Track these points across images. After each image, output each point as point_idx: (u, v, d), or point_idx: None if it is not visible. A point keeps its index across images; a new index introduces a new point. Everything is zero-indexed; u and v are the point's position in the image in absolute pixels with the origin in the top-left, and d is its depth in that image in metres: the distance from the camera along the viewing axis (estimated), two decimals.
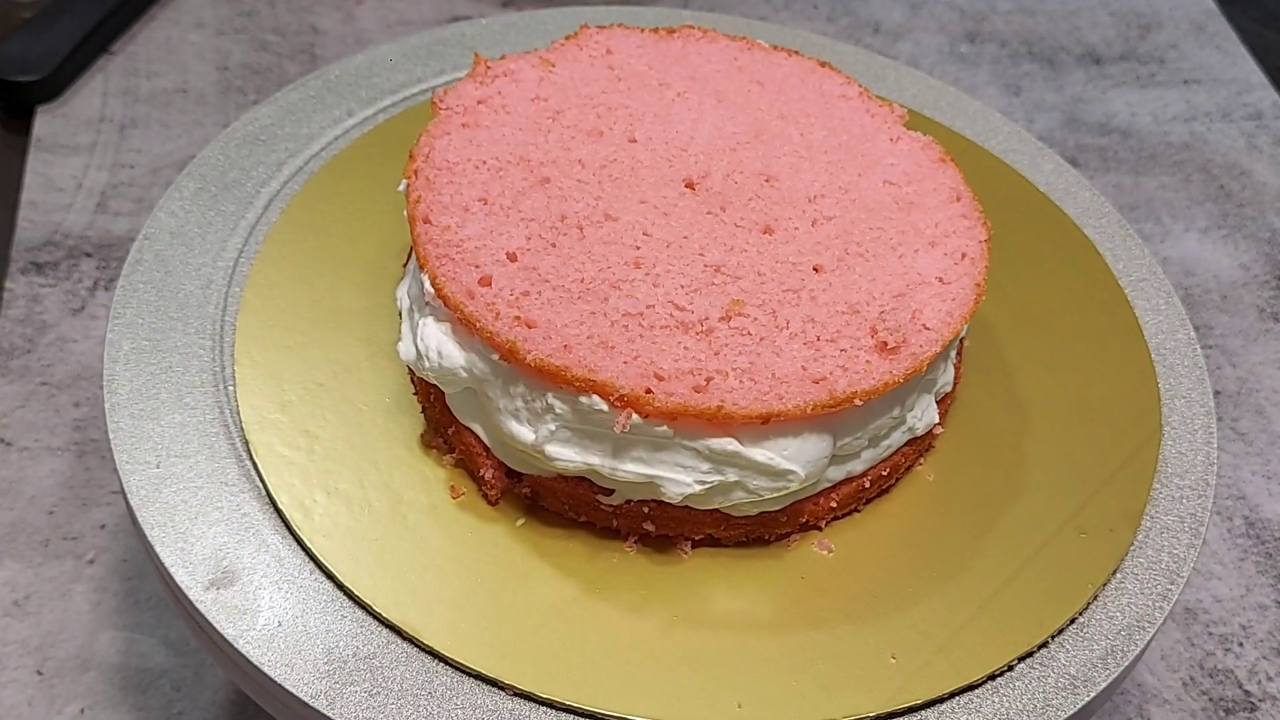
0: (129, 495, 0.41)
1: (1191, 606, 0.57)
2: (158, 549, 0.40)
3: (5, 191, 0.69)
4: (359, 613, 0.39)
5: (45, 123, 0.73)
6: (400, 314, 0.45)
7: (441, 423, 0.43)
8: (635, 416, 0.38)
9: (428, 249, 0.41)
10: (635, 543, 0.42)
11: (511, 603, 0.40)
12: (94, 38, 0.76)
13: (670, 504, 0.40)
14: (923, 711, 0.39)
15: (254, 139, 0.52)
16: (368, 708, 0.37)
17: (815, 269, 0.43)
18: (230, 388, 0.44)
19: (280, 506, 0.41)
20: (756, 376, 0.39)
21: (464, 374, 0.40)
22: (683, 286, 0.41)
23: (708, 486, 0.39)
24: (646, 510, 0.41)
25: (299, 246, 0.48)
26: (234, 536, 0.40)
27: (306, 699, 0.37)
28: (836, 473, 0.42)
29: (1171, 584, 0.43)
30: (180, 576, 0.39)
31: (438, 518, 0.41)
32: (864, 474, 0.43)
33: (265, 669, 0.38)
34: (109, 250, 0.66)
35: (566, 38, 0.50)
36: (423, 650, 0.39)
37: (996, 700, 0.39)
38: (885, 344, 0.40)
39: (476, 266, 0.41)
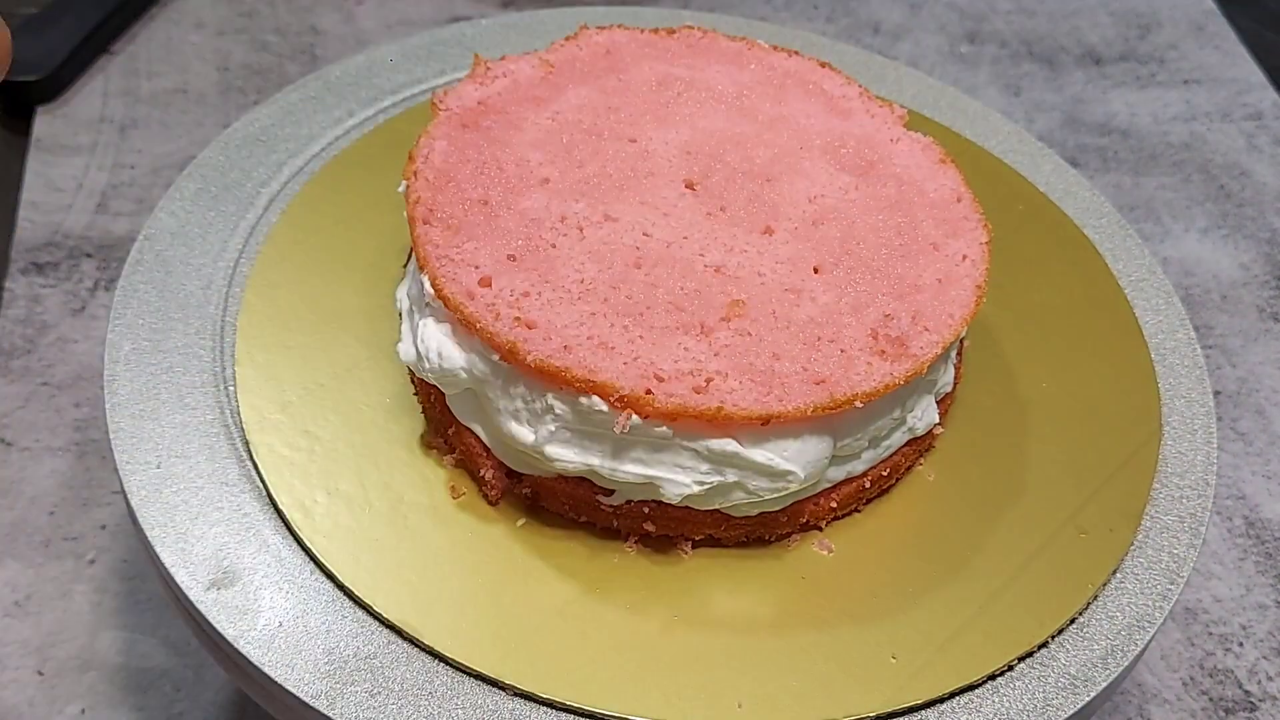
0: (129, 495, 0.41)
1: (1191, 606, 0.57)
2: (158, 549, 0.40)
3: (5, 191, 0.69)
4: (359, 613, 0.39)
5: (45, 123, 0.73)
6: (400, 315, 0.45)
7: (442, 423, 0.43)
8: (635, 417, 0.38)
9: (427, 249, 0.41)
10: (635, 543, 0.42)
11: (512, 603, 0.40)
12: (94, 38, 0.76)
13: (670, 504, 0.40)
14: (923, 711, 0.39)
15: (254, 139, 0.52)
16: (368, 708, 0.37)
17: (815, 270, 0.43)
18: (231, 388, 0.44)
19: (281, 507, 0.41)
20: (756, 378, 0.39)
21: (464, 375, 0.40)
22: (682, 287, 0.41)
23: (707, 487, 0.39)
24: (647, 510, 0.41)
25: (299, 247, 0.48)
26: (234, 537, 0.40)
27: (307, 699, 0.37)
28: (837, 473, 0.42)
29: (1171, 584, 0.43)
30: (181, 577, 0.39)
31: (438, 518, 0.41)
32: (864, 474, 0.43)
33: (266, 669, 0.38)
34: (109, 250, 0.66)
35: (566, 38, 0.50)
36: (423, 650, 0.39)
37: (996, 700, 0.39)
38: (886, 346, 0.40)
39: (476, 267, 0.41)
